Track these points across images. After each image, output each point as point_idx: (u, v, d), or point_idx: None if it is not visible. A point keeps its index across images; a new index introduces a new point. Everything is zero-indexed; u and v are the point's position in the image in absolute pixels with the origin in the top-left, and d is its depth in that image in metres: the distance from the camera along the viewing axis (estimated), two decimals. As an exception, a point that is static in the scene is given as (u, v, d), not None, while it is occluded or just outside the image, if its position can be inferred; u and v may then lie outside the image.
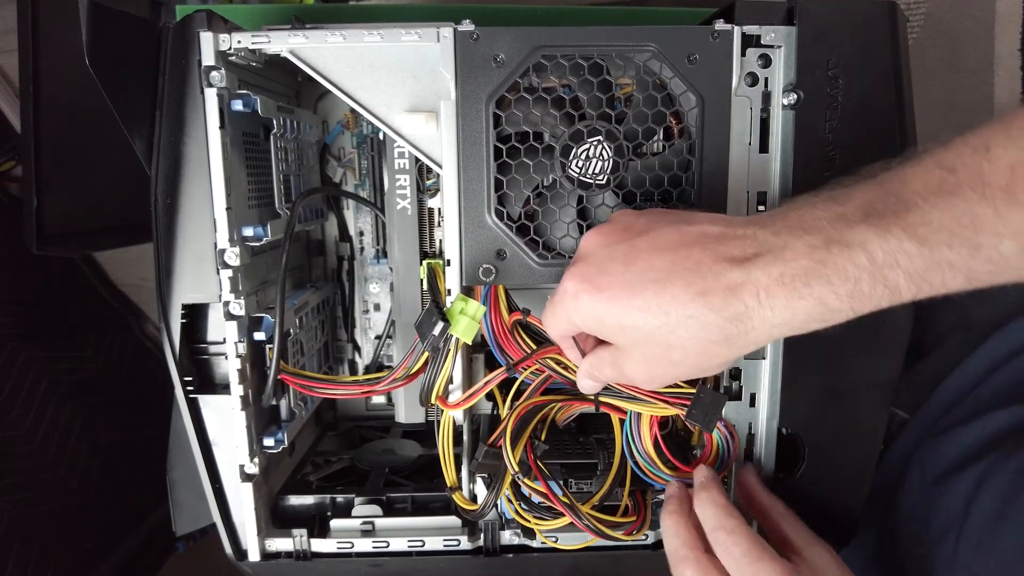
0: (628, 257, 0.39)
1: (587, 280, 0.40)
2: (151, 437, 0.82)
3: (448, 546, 0.56)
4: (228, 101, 0.49)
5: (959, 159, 0.33)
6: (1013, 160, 0.31)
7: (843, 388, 0.51)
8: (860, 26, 0.48)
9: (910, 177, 0.34)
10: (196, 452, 0.54)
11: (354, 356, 0.72)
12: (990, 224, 0.32)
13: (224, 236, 0.50)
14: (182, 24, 0.49)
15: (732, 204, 0.49)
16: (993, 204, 0.31)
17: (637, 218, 0.42)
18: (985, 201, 0.32)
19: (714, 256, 0.37)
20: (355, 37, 0.49)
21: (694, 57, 0.47)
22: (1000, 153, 0.32)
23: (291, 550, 0.55)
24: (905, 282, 0.34)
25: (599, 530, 0.50)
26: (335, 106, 0.69)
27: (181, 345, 0.53)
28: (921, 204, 0.33)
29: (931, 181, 0.33)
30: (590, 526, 0.50)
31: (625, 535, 0.52)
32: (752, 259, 0.36)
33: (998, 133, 0.32)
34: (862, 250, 0.34)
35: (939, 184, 0.33)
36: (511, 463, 0.49)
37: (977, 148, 0.33)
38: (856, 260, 0.34)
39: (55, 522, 0.96)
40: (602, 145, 0.48)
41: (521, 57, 0.47)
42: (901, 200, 0.34)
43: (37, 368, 1.00)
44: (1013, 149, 0.31)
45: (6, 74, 1.04)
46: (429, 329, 0.49)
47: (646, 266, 0.38)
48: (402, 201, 0.58)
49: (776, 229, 0.36)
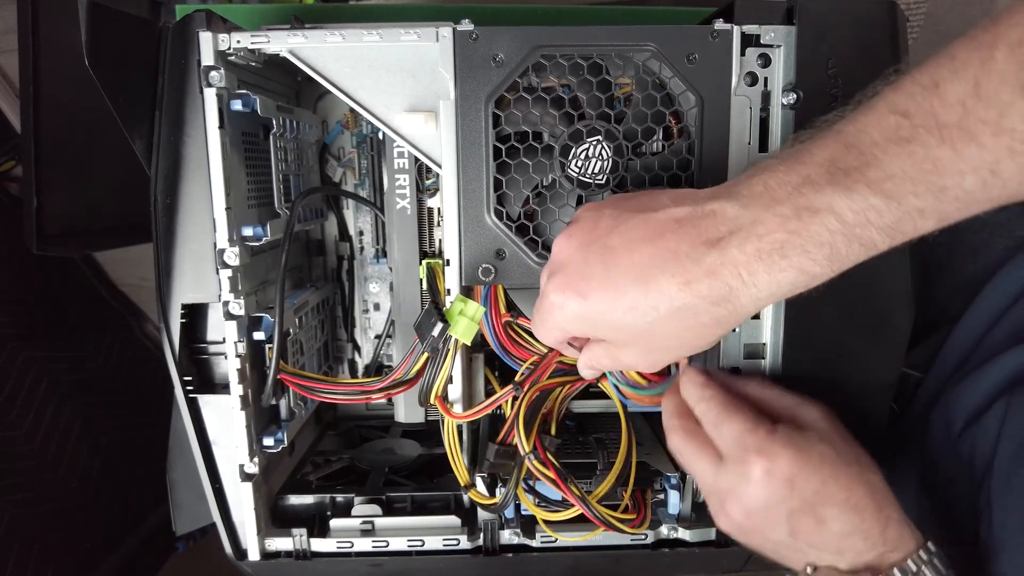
0: (605, 257, 0.39)
1: (569, 287, 0.40)
2: (151, 437, 0.82)
3: (448, 546, 0.56)
4: (227, 101, 0.49)
5: (911, 101, 0.33)
6: (962, 94, 0.31)
7: (843, 387, 0.51)
8: (860, 26, 0.48)
9: (866, 126, 0.34)
10: (196, 452, 0.54)
11: (354, 356, 0.72)
12: (951, 164, 0.31)
13: (224, 236, 0.50)
14: (181, 24, 0.49)
15: (731, 204, 0.49)
16: (951, 144, 0.31)
17: (600, 211, 0.41)
18: (943, 143, 0.31)
19: (689, 241, 0.37)
20: (354, 37, 0.49)
21: (693, 57, 0.47)
22: (949, 88, 0.31)
23: (291, 550, 0.55)
24: (879, 236, 0.34)
25: (606, 519, 0.51)
26: (335, 106, 0.69)
27: (181, 345, 0.53)
28: (881, 156, 0.33)
29: (887, 129, 0.33)
30: (598, 515, 0.51)
31: (630, 528, 0.53)
32: (727, 238, 0.36)
33: (944, 67, 0.32)
34: (831, 214, 0.34)
35: (895, 131, 0.33)
36: (523, 445, 0.50)
37: (927, 86, 0.32)
38: (828, 225, 0.34)
39: (55, 522, 0.96)
40: (601, 145, 0.48)
41: (520, 57, 0.47)
42: (861, 154, 0.34)
43: (37, 368, 1.00)
44: (960, 82, 0.31)
45: (6, 74, 1.04)
46: (428, 330, 0.49)
47: (626, 264, 0.38)
48: (401, 201, 0.58)
49: (744, 202, 0.36)
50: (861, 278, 0.50)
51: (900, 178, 0.33)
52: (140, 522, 1.11)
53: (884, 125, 0.33)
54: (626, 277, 0.38)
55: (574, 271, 0.40)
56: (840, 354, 0.51)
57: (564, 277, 0.40)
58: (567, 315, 0.40)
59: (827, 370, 0.51)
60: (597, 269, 0.39)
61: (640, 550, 0.56)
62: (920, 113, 0.32)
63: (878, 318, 0.50)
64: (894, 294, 0.50)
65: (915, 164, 0.32)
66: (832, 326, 0.50)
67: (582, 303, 0.39)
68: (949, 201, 0.33)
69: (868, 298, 0.50)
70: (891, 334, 0.51)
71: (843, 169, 0.34)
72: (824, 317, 0.50)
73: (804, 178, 0.35)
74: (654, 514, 0.56)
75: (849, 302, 0.50)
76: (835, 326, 0.50)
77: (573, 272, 0.40)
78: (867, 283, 0.50)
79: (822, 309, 0.50)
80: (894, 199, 0.33)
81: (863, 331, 0.50)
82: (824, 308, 0.50)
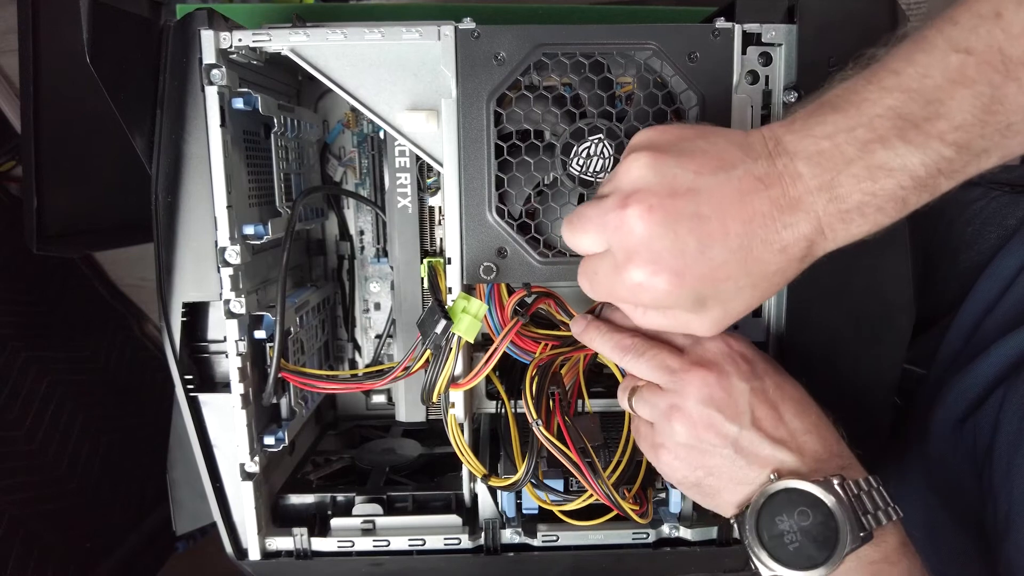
0: (698, 232, 0.36)
1: (663, 268, 0.37)
2: (151, 437, 0.82)
3: (449, 545, 0.56)
4: (229, 99, 0.49)
5: (973, 35, 0.31)
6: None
7: (846, 384, 0.51)
8: (860, 24, 0.48)
9: (928, 68, 0.33)
10: (196, 451, 0.54)
11: (354, 355, 0.72)
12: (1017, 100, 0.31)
13: (225, 234, 0.50)
14: (183, 22, 0.49)
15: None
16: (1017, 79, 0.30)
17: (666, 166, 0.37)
18: (1008, 79, 0.31)
19: (776, 203, 0.36)
20: (356, 35, 0.49)
21: (695, 55, 0.47)
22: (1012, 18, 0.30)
23: (291, 549, 0.55)
24: (946, 182, 0.34)
25: (614, 499, 0.50)
26: (336, 105, 0.69)
27: (182, 344, 0.53)
28: (948, 103, 0.32)
29: (951, 69, 0.32)
30: (607, 493, 0.50)
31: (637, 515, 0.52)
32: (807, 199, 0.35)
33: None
34: (905, 172, 0.34)
35: (960, 71, 0.32)
36: (531, 411, 0.49)
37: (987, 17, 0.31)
38: (902, 183, 0.34)
39: (55, 522, 0.96)
40: (603, 143, 0.48)
41: (522, 55, 0.47)
42: (928, 103, 0.33)
43: (37, 368, 1.00)
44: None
45: (6, 74, 1.04)
46: (431, 327, 0.49)
47: (721, 236, 0.36)
48: (403, 200, 0.58)
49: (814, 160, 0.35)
50: (862, 277, 0.50)
51: (969, 124, 0.32)
52: (140, 522, 1.11)
53: (947, 65, 0.32)
54: (724, 251, 0.36)
55: (664, 249, 0.37)
56: (842, 351, 0.51)
57: (650, 254, 0.37)
58: (655, 294, 0.38)
59: (829, 367, 0.51)
60: (692, 246, 0.36)
61: (641, 549, 0.56)
62: (985, 49, 0.31)
63: (880, 314, 0.50)
64: (895, 290, 0.50)
65: (983, 106, 0.32)
66: (833, 323, 0.50)
67: (679, 283, 0.37)
68: (1013, 136, 0.32)
69: (869, 294, 0.50)
70: (893, 330, 0.51)
71: (912, 122, 0.33)
72: (825, 314, 0.50)
73: (871, 132, 0.34)
74: (655, 513, 0.56)
75: (850, 299, 0.50)
76: (836, 323, 0.50)
77: (663, 250, 0.37)
78: (868, 279, 0.50)
79: (823, 307, 0.50)
80: (964, 148, 0.33)
81: (865, 328, 0.50)
82: (825, 306, 0.50)
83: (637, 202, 0.37)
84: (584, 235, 0.40)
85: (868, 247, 0.37)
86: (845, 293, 0.50)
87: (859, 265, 0.50)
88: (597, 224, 0.39)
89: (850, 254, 0.38)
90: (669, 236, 0.36)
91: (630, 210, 0.37)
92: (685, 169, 0.37)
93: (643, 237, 0.37)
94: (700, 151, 0.37)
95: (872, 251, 0.50)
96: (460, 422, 0.54)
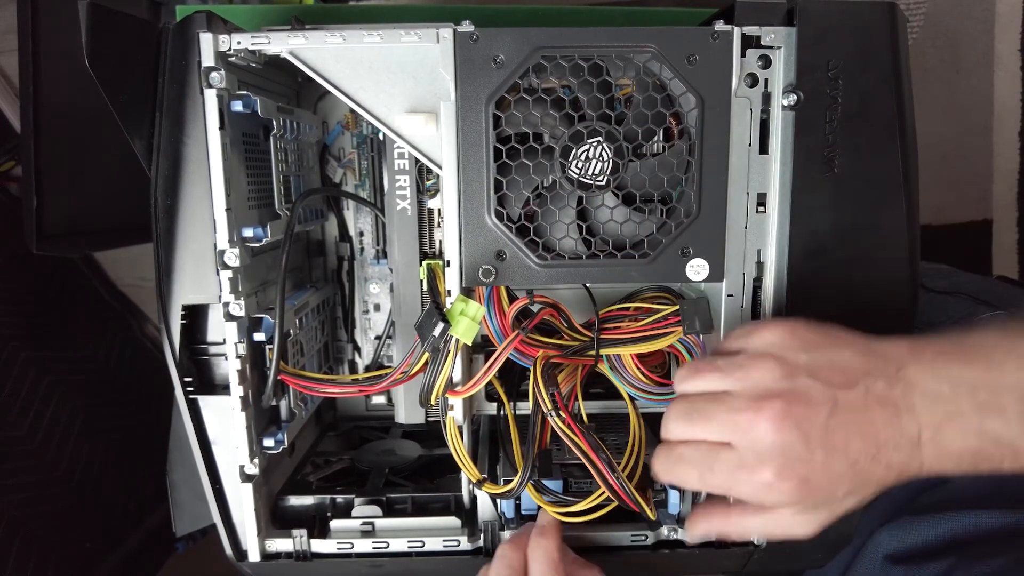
0: (826, 442, 0.39)
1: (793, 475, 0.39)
2: (151, 437, 0.82)
3: (448, 547, 0.56)
4: (228, 102, 0.49)
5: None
6: None
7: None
8: (860, 27, 0.48)
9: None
10: (196, 453, 0.54)
11: (354, 357, 0.72)
12: None
13: (224, 237, 0.50)
14: (182, 25, 0.49)
15: (732, 205, 0.49)
16: None
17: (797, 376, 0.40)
18: None
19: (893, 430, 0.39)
20: (355, 38, 0.49)
21: (694, 58, 0.47)
22: None
23: (291, 550, 0.55)
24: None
25: (631, 493, 0.50)
26: (335, 107, 0.69)
27: (181, 346, 0.53)
28: None
29: None
30: (624, 488, 0.50)
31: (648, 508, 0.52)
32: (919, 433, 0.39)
33: None
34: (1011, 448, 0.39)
35: None
36: (543, 400, 0.49)
37: None
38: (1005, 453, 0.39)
39: (55, 522, 0.96)
40: (602, 146, 0.48)
41: (521, 58, 0.47)
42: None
43: (37, 368, 1.00)
44: None
45: (6, 74, 1.04)
46: (429, 330, 0.49)
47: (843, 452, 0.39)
48: (402, 202, 0.58)
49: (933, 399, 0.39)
50: (861, 274, 0.50)
51: None
52: (140, 522, 1.11)
53: None
54: (843, 464, 0.39)
55: (796, 457, 0.39)
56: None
57: (784, 460, 0.39)
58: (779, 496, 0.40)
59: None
60: (819, 456, 0.39)
61: (640, 551, 0.56)
62: None
63: (880, 314, 0.50)
64: (895, 290, 0.50)
65: None
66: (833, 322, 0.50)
67: (805, 489, 0.39)
68: None
69: (869, 293, 0.50)
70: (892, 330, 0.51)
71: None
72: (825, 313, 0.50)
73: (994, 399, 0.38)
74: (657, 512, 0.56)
75: (850, 298, 0.50)
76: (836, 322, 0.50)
77: (796, 458, 0.39)
78: (868, 278, 0.50)
79: (823, 306, 0.50)
80: None
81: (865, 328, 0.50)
82: (824, 304, 0.50)
83: (771, 407, 0.39)
84: (706, 426, 0.42)
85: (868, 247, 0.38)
86: (844, 291, 0.50)
87: (858, 263, 0.50)
88: (724, 421, 0.41)
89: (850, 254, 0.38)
90: (800, 444, 0.39)
91: (765, 414, 0.39)
92: (815, 380, 0.40)
93: (776, 442, 0.39)
94: (828, 363, 0.41)
95: (871, 250, 0.50)
96: (459, 424, 0.54)
